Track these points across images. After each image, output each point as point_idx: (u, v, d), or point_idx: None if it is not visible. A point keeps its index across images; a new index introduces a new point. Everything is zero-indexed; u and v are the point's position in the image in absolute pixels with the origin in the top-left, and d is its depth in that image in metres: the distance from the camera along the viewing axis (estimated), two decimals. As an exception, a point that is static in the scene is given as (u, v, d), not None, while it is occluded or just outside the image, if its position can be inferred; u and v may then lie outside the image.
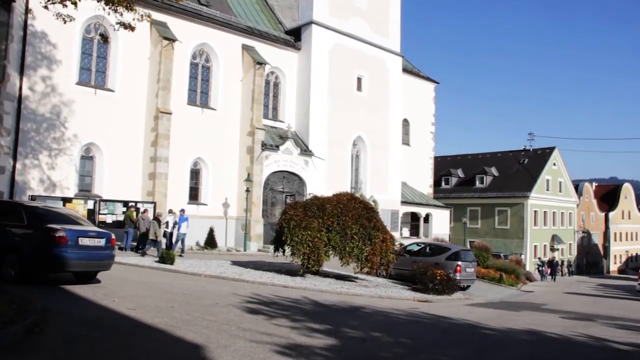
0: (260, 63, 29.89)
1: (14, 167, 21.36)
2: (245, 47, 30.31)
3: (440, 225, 42.47)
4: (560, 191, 59.63)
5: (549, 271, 45.01)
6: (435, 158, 47.22)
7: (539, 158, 58.74)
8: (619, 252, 73.33)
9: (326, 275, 19.62)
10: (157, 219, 22.36)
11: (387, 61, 36.99)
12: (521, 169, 57.92)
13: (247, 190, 27.59)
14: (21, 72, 21.71)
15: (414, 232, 40.82)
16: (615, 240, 72.38)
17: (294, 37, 33.09)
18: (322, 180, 31.89)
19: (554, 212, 58.66)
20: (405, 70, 40.67)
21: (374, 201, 33.02)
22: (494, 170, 59.34)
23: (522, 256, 49.26)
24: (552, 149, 59.26)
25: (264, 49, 31.13)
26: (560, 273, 46.10)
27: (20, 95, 21.68)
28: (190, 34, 27.71)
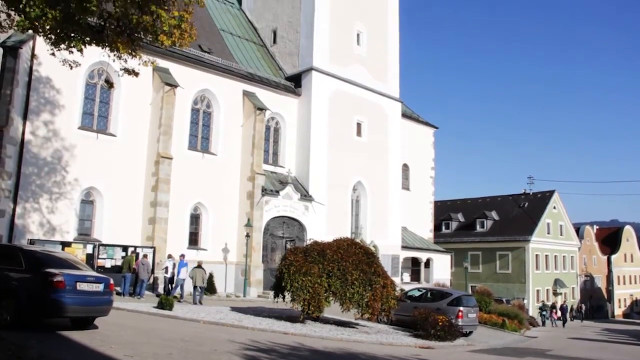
0: (261, 109, 30.21)
1: (13, 210, 21.35)
2: (246, 93, 30.68)
3: (441, 270, 42.12)
4: (561, 234, 59.42)
5: (556, 316, 44.38)
6: (435, 202, 47.18)
7: (539, 201, 58.76)
8: (623, 295, 72.51)
9: (327, 321, 19.37)
10: (200, 266, 22.79)
11: (386, 107, 37.38)
12: (521, 213, 57.86)
13: (247, 236, 27.49)
14: (25, 117, 21.94)
15: (415, 277, 40.45)
16: (618, 283, 71.69)
17: (295, 83, 33.55)
18: (322, 226, 31.82)
19: (555, 256, 58.30)
20: (405, 115, 41.07)
21: (374, 246, 32.85)
22: (494, 215, 59.27)
23: (525, 301, 48.70)
24: (551, 193, 59.35)
25: (265, 95, 31.50)
26: (563, 318, 45.38)
27: (22, 139, 21.84)
28: (192, 80, 28.09)
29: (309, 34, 33.51)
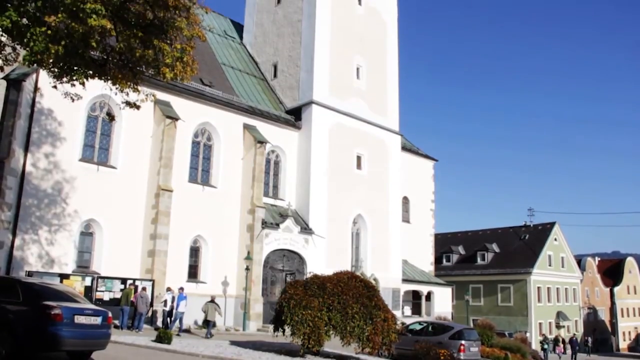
0: (261, 142, 30.36)
1: (12, 242, 21.29)
2: (246, 126, 30.88)
3: (442, 303, 41.77)
4: (562, 266, 59.10)
5: (559, 350, 43.74)
6: (436, 235, 47.02)
7: (540, 234, 58.61)
8: (627, 328, 71.66)
9: (327, 355, 19.13)
10: (213, 300, 22.99)
11: (386, 140, 37.57)
12: (522, 245, 57.67)
13: (247, 269, 27.35)
14: (26, 148, 22.06)
15: (416, 310, 40.09)
16: (622, 316, 70.93)
17: (295, 116, 33.79)
18: (323, 259, 31.68)
19: (557, 288, 57.88)
20: (405, 148, 41.25)
21: (374, 279, 32.66)
22: (495, 247, 59.06)
23: (527, 334, 48.16)
24: (552, 224, 59.24)
25: (265, 128, 31.70)
26: (573, 351, 44.67)
27: (23, 170, 21.92)
28: (193, 113, 28.30)
29: (309, 67, 33.88)
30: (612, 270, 73.74)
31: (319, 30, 34.25)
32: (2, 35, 11.90)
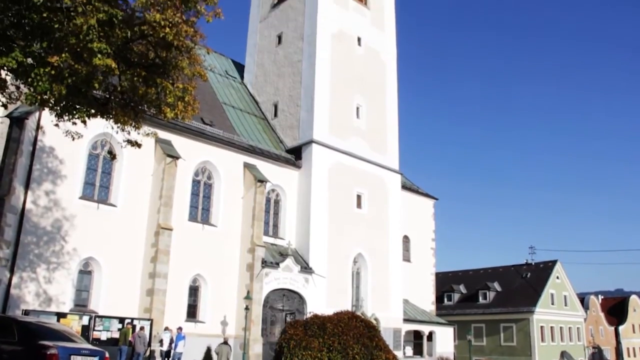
0: (262, 181, 30.44)
1: (10, 280, 21.15)
2: (246, 165, 31.00)
3: (444, 343, 41.20)
4: (565, 305, 58.49)
5: None
6: (437, 274, 46.72)
7: (542, 272, 58.18)
8: (634, 368, 70.44)
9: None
10: (226, 342, 23.24)
11: (386, 179, 37.65)
12: (524, 284, 57.21)
13: (247, 309, 27.08)
14: (26, 186, 22.13)
15: (418, 350, 39.54)
16: (628, 355, 69.68)
17: (295, 155, 33.94)
18: (323, 298, 31.39)
19: (561, 327, 57.14)
20: (405, 187, 41.31)
21: (375, 319, 32.32)
22: (496, 286, 58.58)
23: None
24: (554, 262, 58.87)
25: (265, 167, 31.82)
26: None
27: (23, 208, 21.94)
28: (193, 152, 28.45)
29: (310, 107, 34.20)
30: (616, 309, 72.91)
31: (319, 71, 34.71)
32: (6, 74, 12.06)
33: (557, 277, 58.25)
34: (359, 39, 38.14)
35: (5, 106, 13.66)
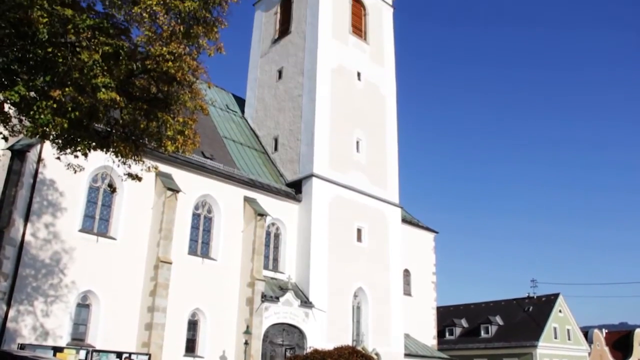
0: (262, 214, 30.42)
1: (6, 313, 21.00)
2: (247, 199, 31.03)
3: (445, 380, 40.65)
4: (569, 339, 57.72)
5: None
6: (438, 308, 46.30)
7: (544, 305, 57.61)
8: (644, 405, 69.08)
9: None
10: None
11: (386, 212, 37.62)
12: (527, 317, 56.63)
13: (246, 343, 26.79)
14: (26, 218, 22.15)
15: (419, 387, 38.92)
16: (637, 391, 68.60)
17: (295, 189, 33.99)
18: (323, 333, 31.06)
19: (565, 362, 56.35)
20: (405, 220, 41.25)
21: (376, 354, 31.95)
22: (498, 319, 57.99)
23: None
24: (556, 296, 58.33)
25: (265, 201, 31.83)
26: None
27: (22, 240, 21.92)
28: (193, 185, 28.51)
29: (310, 141, 34.39)
30: (621, 343, 71.87)
31: (319, 105, 35.01)
32: (9, 107, 12.18)
33: (560, 311, 57.67)
34: (358, 74, 38.58)
35: (7, 139, 13.75)
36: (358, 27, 40.17)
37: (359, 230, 35.50)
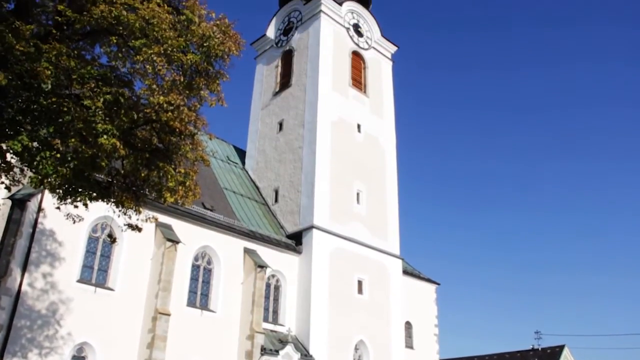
0: (262, 266, 30.24)
1: (-1, 366, 20.61)
2: (247, 251, 30.89)
3: None
4: (576, 392, 56.37)
5: None
6: (441, 362, 45.37)
7: (549, 357, 56.32)
8: None
9: None
10: None
11: (387, 264, 37.37)
12: (532, 370, 55.45)
13: (243, 398, 26.22)
14: (24, 268, 21.97)
15: None
16: None
17: (295, 240, 33.87)
18: (323, 387, 30.41)
19: (571, 416, 54.82)
20: (406, 272, 40.91)
21: (377, 410, 31.14)
22: (502, 373, 56.80)
23: None
24: (561, 347, 57.10)
25: (266, 253, 31.68)
26: None
27: (19, 290, 21.66)
28: (193, 237, 28.43)
29: (310, 193, 34.48)
30: (629, 396, 70.23)
31: (319, 157, 35.27)
32: (12, 157, 12.31)
33: (565, 363, 56.53)
34: (358, 126, 39.01)
35: (8, 188, 13.83)
36: (358, 80, 40.87)
37: (359, 282, 35.19)
